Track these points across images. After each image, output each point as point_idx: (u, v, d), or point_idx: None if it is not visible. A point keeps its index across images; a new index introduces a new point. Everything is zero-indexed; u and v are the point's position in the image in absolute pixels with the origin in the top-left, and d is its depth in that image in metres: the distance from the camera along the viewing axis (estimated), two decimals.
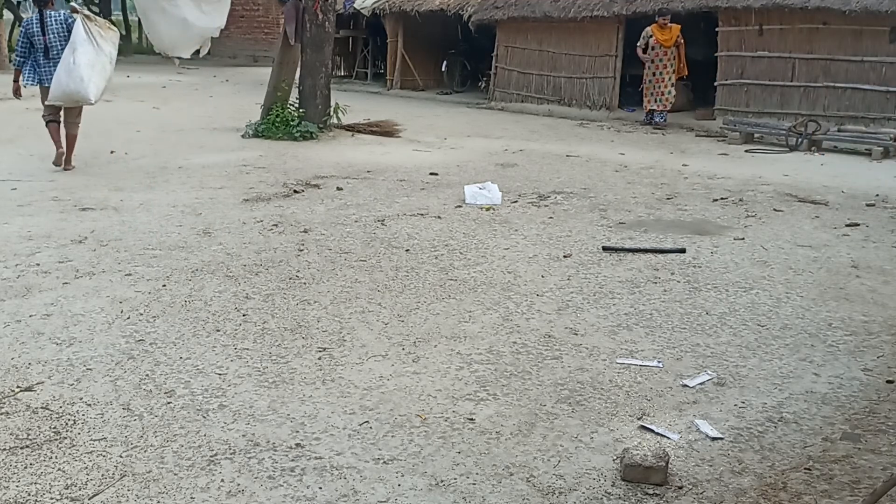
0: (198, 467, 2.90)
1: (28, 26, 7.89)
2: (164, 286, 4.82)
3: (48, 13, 7.84)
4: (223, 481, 2.82)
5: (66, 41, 7.69)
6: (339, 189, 7.71)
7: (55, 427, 3.14)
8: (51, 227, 6.06)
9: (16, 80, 8.01)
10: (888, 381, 3.71)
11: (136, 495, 2.71)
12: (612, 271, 5.33)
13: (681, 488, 2.83)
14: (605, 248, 5.83)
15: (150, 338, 4.05)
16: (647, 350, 4.05)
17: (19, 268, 5.07)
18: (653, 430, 3.23)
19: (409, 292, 4.84)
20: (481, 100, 16.61)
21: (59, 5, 8.53)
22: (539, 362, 3.88)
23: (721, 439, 3.17)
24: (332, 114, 11.32)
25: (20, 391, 3.42)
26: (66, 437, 3.07)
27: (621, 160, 9.90)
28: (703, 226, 6.65)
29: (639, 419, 3.33)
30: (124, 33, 26.10)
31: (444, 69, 18.52)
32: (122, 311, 4.39)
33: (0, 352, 3.82)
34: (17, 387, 3.46)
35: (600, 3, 13.96)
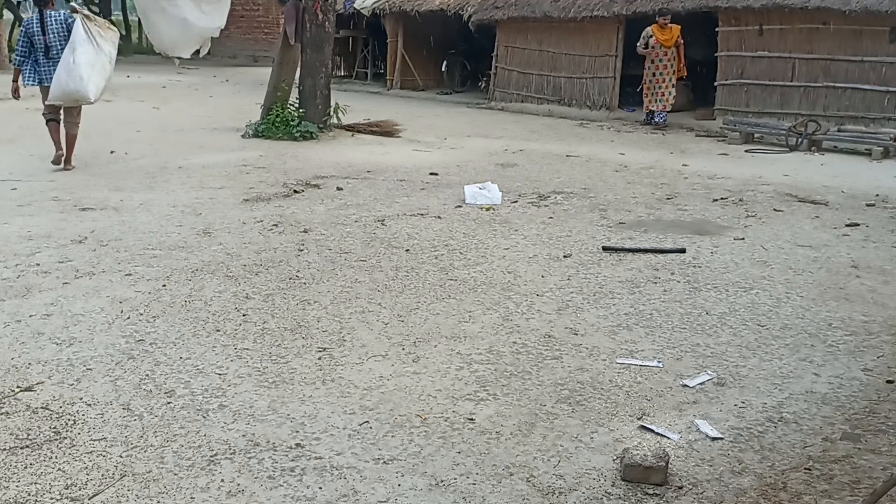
0: (198, 467, 2.90)
1: (28, 26, 7.94)
2: (164, 286, 4.82)
3: (48, 13, 7.89)
4: (223, 481, 2.82)
5: (65, 41, 7.74)
6: (339, 189, 7.71)
7: (55, 427, 3.14)
8: (51, 227, 6.06)
9: (15, 80, 8.03)
10: (888, 381, 3.72)
11: (136, 495, 2.71)
12: (612, 271, 5.33)
13: (681, 488, 2.83)
14: (605, 248, 5.83)
15: (150, 338, 4.05)
16: (647, 350, 4.05)
17: (19, 268, 5.07)
18: (653, 430, 3.23)
19: (409, 292, 4.84)
20: (481, 100, 16.61)
21: (59, 5, 8.55)
22: (539, 362, 3.88)
23: (721, 439, 3.18)
24: (332, 114, 11.32)
25: (20, 391, 3.43)
26: (66, 437, 3.07)
27: (621, 160, 9.90)
28: (703, 226, 6.65)
29: (639, 419, 3.33)
30: (124, 33, 26.11)
31: (444, 69, 18.52)
32: (122, 311, 4.39)
33: (0, 352, 3.82)
34: (17, 387, 3.46)
35: (600, 3, 13.96)
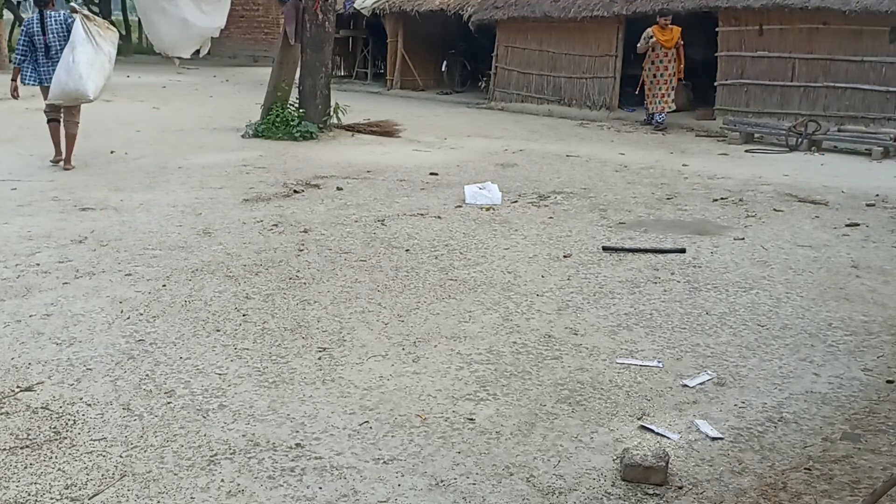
0: (198, 467, 2.90)
1: (28, 26, 8.00)
2: (164, 286, 4.82)
3: (48, 13, 7.94)
4: (223, 481, 2.82)
5: (65, 41, 7.78)
6: (339, 189, 7.71)
7: (55, 427, 3.14)
8: (51, 227, 6.06)
9: (14, 79, 8.06)
10: (888, 381, 3.72)
11: (136, 495, 2.71)
12: (612, 271, 5.33)
13: (681, 488, 2.83)
14: (605, 248, 5.83)
15: (150, 338, 4.05)
16: (647, 350, 4.05)
17: (19, 268, 5.07)
18: (653, 430, 3.23)
19: (409, 292, 4.84)
20: (481, 100, 16.61)
21: (59, 5, 8.57)
22: (539, 362, 3.88)
23: (721, 439, 3.17)
24: (332, 114, 11.31)
25: (20, 391, 3.42)
26: (66, 437, 3.07)
27: (621, 160, 9.90)
28: (703, 226, 6.65)
29: (639, 419, 3.33)
30: (124, 33, 26.13)
31: (444, 69, 18.52)
32: (122, 311, 4.39)
33: (0, 352, 3.82)
34: (17, 387, 3.46)
35: (600, 3, 13.96)
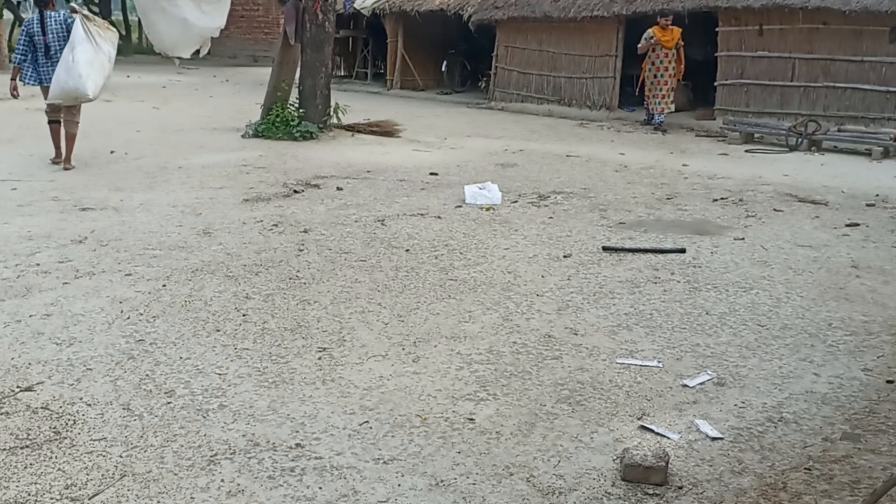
0: (198, 467, 2.90)
1: (29, 26, 8.03)
2: (164, 286, 4.82)
3: (48, 14, 7.97)
4: (223, 481, 2.82)
5: (65, 41, 7.80)
6: (339, 189, 7.71)
7: (55, 427, 3.14)
8: (51, 227, 6.06)
9: (13, 78, 8.07)
10: (888, 381, 3.72)
11: (136, 495, 2.71)
12: (612, 271, 5.33)
13: (681, 488, 2.83)
14: (605, 248, 5.83)
15: (150, 338, 4.05)
16: (647, 350, 4.05)
17: (19, 268, 5.07)
18: (653, 430, 3.23)
19: (409, 292, 4.84)
20: (481, 100, 16.61)
21: (59, 6, 8.59)
22: (539, 362, 3.88)
23: (721, 439, 3.17)
24: (332, 114, 11.31)
25: (20, 391, 3.43)
26: (66, 437, 3.07)
27: (621, 160, 9.90)
28: (703, 226, 6.65)
29: (639, 419, 3.33)
30: (124, 33, 26.13)
31: (444, 69, 18.52)
32: (122, 311, 4.39)
33: (0, 352, 3.82)
34: (17, 387, 3.46)
35: (600, 3, 13.96)
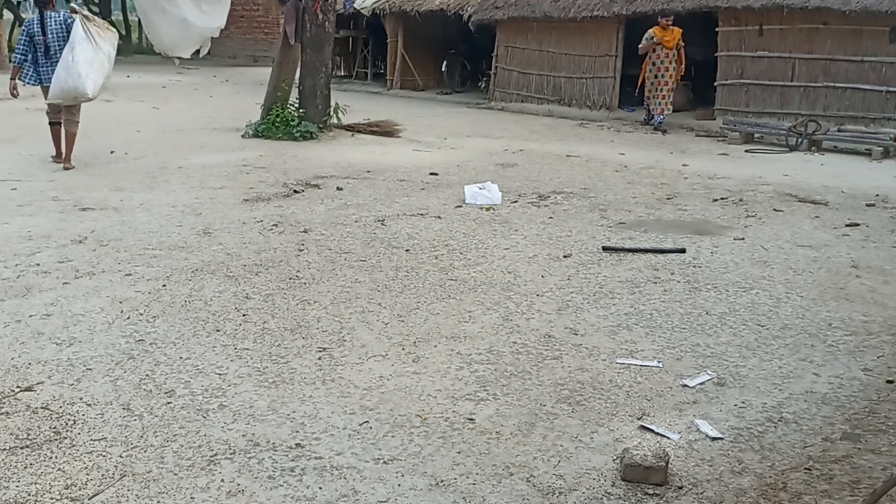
0: (198, 467, 2.90)
1: (29, 26, 8.06)
2: (164, 286, 4.82)
3: (48, 14, 7.99)
4: (223, 481, 2.82)
5: (65, 41, 7.82)
6: (339, 189, 7.71)
7: (55, 427, 3.14)
8: (51, 227, 6.06)
9: (13, 78, 8.08)
10: (888, 381, 3.72)
11: (136, 495, 2.71)
12: (612, 271, 5.33)
13: (681, 488, 2.83)
14: (605, 248, 5.83)
15: (150, 338, 4.05)
16: (647, 350, 4.05)
17: (19, 268, 5.07)
18: (653, 430, 3.23)
19: (409, 292, 4.84)
20: (481, 100, 16.61)
21: (59, 6, 8.60)
22: (539, 362, 3.88)
23: (721, 439, 3.18)
24: (332, 114, 11.31)
25: (20, 391, 3.43)
26: (66, 437, 3.07)
27: (621, 160, 9.90)
28: (703, 226, 6.65)
29: (639, 419, 3.33)
30: (124, 33, 26.14)
31: (444, 69, 18.52)
32: (122, 311, 4.39)
33: (0, 352, 3.82)
34: (17, 387, 3.46)
35: (600, 3, 13.96)
